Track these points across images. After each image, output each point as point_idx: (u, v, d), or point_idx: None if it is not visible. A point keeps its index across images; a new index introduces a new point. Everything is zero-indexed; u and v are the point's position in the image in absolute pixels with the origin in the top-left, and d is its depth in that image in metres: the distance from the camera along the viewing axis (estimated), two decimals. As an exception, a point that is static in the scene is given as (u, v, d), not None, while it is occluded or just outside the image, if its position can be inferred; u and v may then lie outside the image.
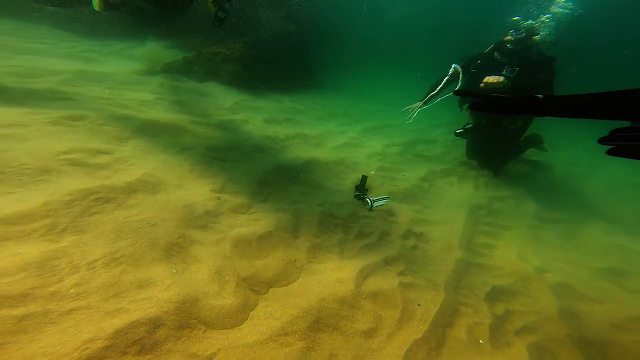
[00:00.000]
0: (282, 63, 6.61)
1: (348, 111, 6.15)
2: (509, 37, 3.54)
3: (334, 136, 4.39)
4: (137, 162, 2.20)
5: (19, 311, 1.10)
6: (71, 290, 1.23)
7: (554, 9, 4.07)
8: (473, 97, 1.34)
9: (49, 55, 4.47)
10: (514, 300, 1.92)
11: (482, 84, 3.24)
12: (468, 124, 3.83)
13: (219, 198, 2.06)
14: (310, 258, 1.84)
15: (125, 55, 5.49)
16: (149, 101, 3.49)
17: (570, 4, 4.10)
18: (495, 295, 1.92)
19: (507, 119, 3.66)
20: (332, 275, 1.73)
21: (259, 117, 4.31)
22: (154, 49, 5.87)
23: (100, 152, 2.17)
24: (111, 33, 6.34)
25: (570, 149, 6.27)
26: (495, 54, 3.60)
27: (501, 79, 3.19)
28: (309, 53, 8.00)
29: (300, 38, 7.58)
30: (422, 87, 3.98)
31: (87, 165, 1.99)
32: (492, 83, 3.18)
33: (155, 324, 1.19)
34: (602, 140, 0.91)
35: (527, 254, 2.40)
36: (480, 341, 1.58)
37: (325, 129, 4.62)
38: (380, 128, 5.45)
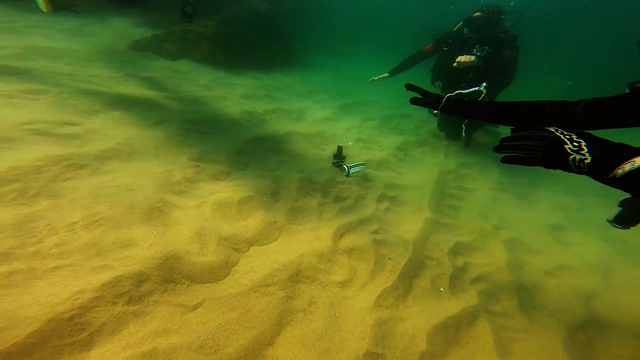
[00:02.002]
0: (260, 42, 6.37)
1: (327, 88, 6.13)
2: (477, 14, 3.63)
3: (313, 111, 4.41)
4: (110, 133, 2.15)
5: (4, 268, 1.12)
6: (53, 250, 1.25)
7: None
8: (418, 92, 1.46)
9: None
10: (472, 254, 2.13)
11: (454, 63, 3.33)
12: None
13: (197, 166, 2.08)
14: (290, 220, 1.93)
15: (84, 33, 4.88)
16: (117, 77, 3.31)
17: None
18: (457, 250, 2.12)
19: (471, 94, 3.82)
20: (311, 234, 1.84)
21: (236, 93, 4.22)
22: (118, 26, 5.35)
23: (67, 123, 2.09)
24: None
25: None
26: (465, 30, 3.68)
27: (473, 57, 3.30)
28: (287, 32, 7.75)
29: (278, 17, 7.30)
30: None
31: (55, 135, 1.92)
32: (465, 62, 3.28)
33: (140, 278, 1.25)
34: (495, 149, 1.03)
35: (488, 214, 2.63)
36: (441, 289, 1.77)
37: (305, 105, 4.62)
38: (358, 104, 5.51)
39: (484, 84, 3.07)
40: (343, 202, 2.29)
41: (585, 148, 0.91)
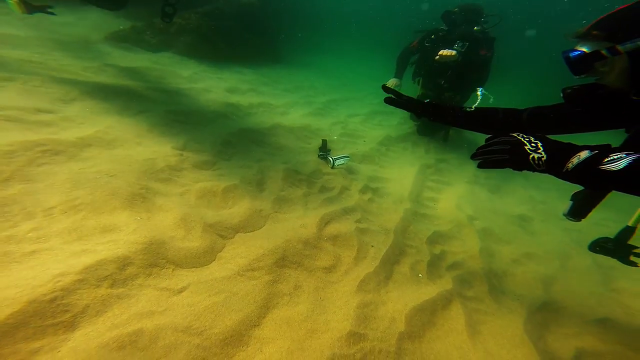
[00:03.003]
0: (245, 37, 6.27)
1: (313, 85, 6.15)
2: (455, 10, 3.76)
3: (298, 106, 4.42)
4: (88, 122, 2.08)
5: None
6: (29, 234, 1.22)
7: None
8: (392, 94, 1.59)
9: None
10: (449, 242, 2.24)
11: (437, 57, 3.45)
12: (424, 96, 4.10)
13: (181, 155, 2.06)
14: (276, 208, 1.96)
15: (53, 22, 4.64)
16: (93, 67, 3.16)
17: None
18: (435, 238, 2.22)
19: (448, 92, 3.98)
20: (297, 222, 1.88)
21: (220, 86, 4.16)
22: (93, 17, 5.07)
23: (40, 110, 2.00)
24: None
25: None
26: (443, 25, 3.80)
27: (454, 52, 3.43)
28: (273, 28, 7.67)
29: (263, 12, 7.20)
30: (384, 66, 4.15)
31: (27, 122, 1.84)
32: (446, 56, 3.41)
33: (123, 262, 1.24)
34: (472, 157, 1.15)
35: (464, 205, 2.77)
36: (420, 275, 1.86)
37: (291, 100, 4.62)
38: (344, 101, 5.57)
39: (481, 89, 3.20)
40: (328, 192, 2.34)
41: (541, 147, 1.03)
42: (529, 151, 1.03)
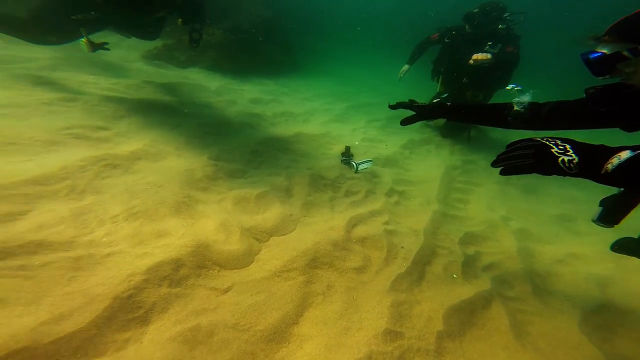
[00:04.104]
0: (264, 49, 6.54)
1: (331, 92, 6.26)
2: (476, 10, 3.72)
3: (319, 113, 4.53)
4: (135, 137, 2.29)
5: (72, 254, 1.26)
6: (104, 239, 1.37)
7: None
8: (407, 108, 1.62)
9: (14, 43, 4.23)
10: (483, 243, 2.20)
11: (471, 61, 3.41)
12: (442, 93, 4.07)
13: (215, 165, 2.19)
14: (304, 213, 2.03)
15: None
16: (135, 85, 3.47)
17: None
18: (467, 239, 2.19)
19: (470, 91, 3.91)
20: (325, 225, 1.93)
21: (244, 98, 4.36)
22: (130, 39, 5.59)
23: (99, 128, 2.24)
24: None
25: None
26: (466, 26, 3.78)
27: (488, 56, 3.37)
28: (290, 39, 7.94)
29: (280, 24, 7.49)
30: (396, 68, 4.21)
31: (90, 139, 2.07)
32: (481, 60, 3.35)
33: (177, 264, 1.35)
34: (493, 164, 1.13)
35: (495, 206, 2.70)
36: (454, 275, 1.84)
37: (311, 108, 4.74)
38: (363, 106, 5.61)
39: (513, 85, 3.16)
40: (353, 196, 2.38)
41: (570, 150, 1.00)
42: (556, 154, 1.00)
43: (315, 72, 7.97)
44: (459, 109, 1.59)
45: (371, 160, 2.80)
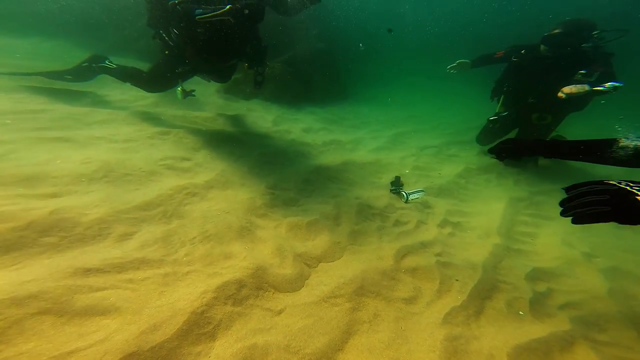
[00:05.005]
0: (315, 79, 7.09)
1: (379, 119, 6.36)
2: (556, 31, 3.35)
3: (367, 141, 4.63)
4: (210, 167, 2.65)
5: (162, 270, 1.49)
6: (184, 259, 1.61)
7: None
8: (505, 145, 1.52)
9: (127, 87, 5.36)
10: (557, 280, 1.94)
11: (562, 94, 3.06)
12: (502, 112, 3.82)
13: (272, 193, 2.41)
14: (352, 241, 2.07)
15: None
16: (211, 118, 4.05)
17: None
18: (536, 275, 1.96)
19: (536, 114, 3.58)
20: (373, 254, 1.94)
21: (298, 127, 4.71)
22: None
23: (184, 158, 2.67)
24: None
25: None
26: (542, 47, 3.45)
27: (586, 87, 3.01)
28: (339, 68, 8.46)
29: (330, 54, 8.08)
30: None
31: (177, 169, 2.48)
32: (576, 92, 3.01)
33: (240, 284, 1.50)
34: (562, 214, 1.01)
35: (573, 241, 2.37)
36: (520, 312, 1.66)
37: (358, 136, 4.89)
38: (413, 132, 5.57)
39: (612, 83, 2.86)
40: (403, 226, 2.35)
41: None
42: (633, 189, 0.89)
43: (364, 98, 8.22)
44: (560, 146, 1.42)
45: (423, 190, 2.75)
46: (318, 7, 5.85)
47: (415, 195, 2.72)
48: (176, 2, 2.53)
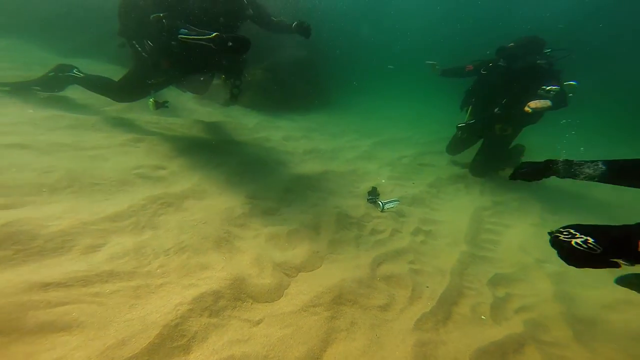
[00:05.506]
0: (296, 86, 7.14)
1: (358, 128, 6.52)
2: (511, 44, 3.67)
3: (346, 150, 4.75)
4: (186, 176, 2.60)
5: (133, 283, 1.47)
6: (158, 270, 1.59)
7: None
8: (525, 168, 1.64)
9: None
10: (514, 285, 2.14)
11: (528, 109, 3.29)
12: (470, 120, 4.10)
13: (252, 203, 2.43)
14: (331, 250, 2.15)
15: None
16: (187, 124, 3.96)
17: None
18: (497, 281, 2.14)
19: (499, 125, 3.89)
20: (350, 262, 2.03)
21: (278, 135, 4.74)
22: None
23: (158, 167, 2.59)
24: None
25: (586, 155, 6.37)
26: (500, 60, 3.76)
27: (548, 102, 3.27)
28: (319, 76, 8.58)
29: (312, 62, 8.18)
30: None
31: (151, 178, 2.41)
32: (540, 107, 3.25)
33: (217, 295, 1.52)
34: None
35: (529, 248, 2.61)
36: (482, 317, 1.81)
37: (338, 144, 5.00)
38: (389, 142, 5.78)
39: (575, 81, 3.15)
40: (379, 234, 2.46)
41: (576, 232, 1.09)
42: (564, 239, 1.08)
43: (344, 106, 8.36)
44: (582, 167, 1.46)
45: (397, 200, 2.89)
46: (301, 15, 5.93)
47: (391, 205, 2.86)
48: (161, 15, 2.49)
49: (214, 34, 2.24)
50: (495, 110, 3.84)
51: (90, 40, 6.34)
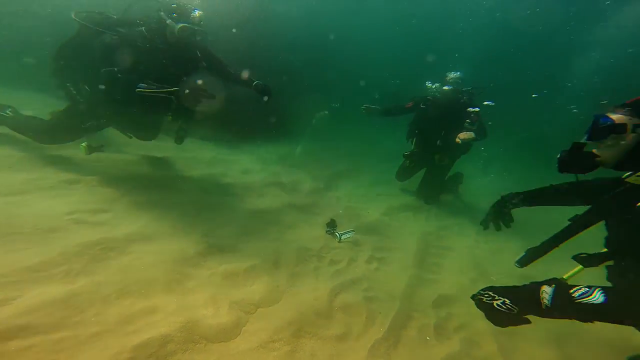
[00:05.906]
0: (256, 116, 7.20)
1: (318, 158, 6.74)
2: (434, 86, 4.45)
3: (305, 182, 4.91)
4: (132, 218, 2.47)
5: (54, 336, 1.38)
6: (92, 319, 1.52)
7: None
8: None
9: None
10: (453, 305, 2.38)
11: (458, 140, 3.90)
12: (414, 150, 4.66)
13: (207, 242, 2.40)
14: (291, 283, 2.21)
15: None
16: (134, 161, 3.79)
17: None
18: (440, 302, 2.38)
19: (438, 154, 4.47)
20: (310, 295, 2.11)
21: (236, 169, 4.75)
22: None
23: (99, 210, 2.43)
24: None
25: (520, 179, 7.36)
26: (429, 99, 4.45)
27: (472, 134, 3.92)
28: (280, 106, 8.80)
29: (272, 91, 8.38)
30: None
31: (89, 223, 2.26)
32: (467, 139, 3.90)
33: (165, 339, 1.49)
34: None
35: (466, 269, 2.94)
36: (427, 337, 1.99)
37: (298, 177, 5.14)
38: (348, 171, 6.07)
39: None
40: (337, 265, 2.60)
41: (494, 294, 1.34)
42: (488, 302, 1.31)
43: (305, 136, 8.64)
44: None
45: (353, 230, 3.09)
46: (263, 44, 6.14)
47: (347, 235, 3.04)
48: (116, 70, 2.50)
49: (174, 89, 2.32)
50: (437, 142, 4.41)
51: (20, 66, 5.89)
